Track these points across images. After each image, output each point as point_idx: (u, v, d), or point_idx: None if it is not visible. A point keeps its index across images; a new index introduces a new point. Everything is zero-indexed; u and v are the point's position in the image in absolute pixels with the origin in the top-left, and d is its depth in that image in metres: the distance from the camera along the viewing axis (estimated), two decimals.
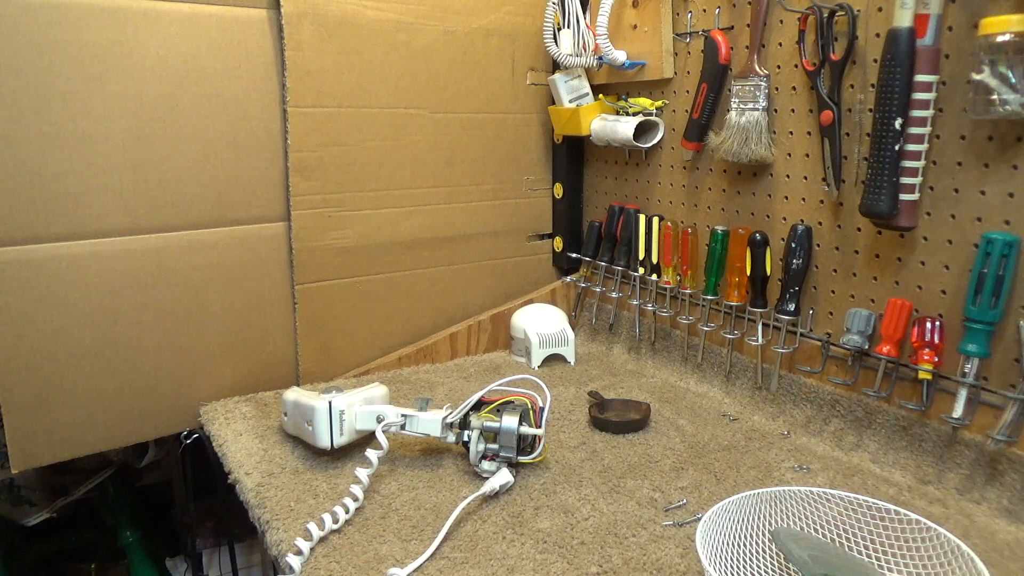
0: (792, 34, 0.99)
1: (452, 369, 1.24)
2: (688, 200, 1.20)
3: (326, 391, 0.93)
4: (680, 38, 1.17)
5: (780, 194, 1.05)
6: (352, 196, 1.19)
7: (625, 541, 0.75)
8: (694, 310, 1.18)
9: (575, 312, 1.42)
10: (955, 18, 0.82)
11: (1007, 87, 0.74)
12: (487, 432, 0.87)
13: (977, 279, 0.81)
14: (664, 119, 1.22)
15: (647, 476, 0.88)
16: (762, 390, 1.07)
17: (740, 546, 0.69)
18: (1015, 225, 0.80)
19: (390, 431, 0.87)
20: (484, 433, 0.87)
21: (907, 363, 0.89)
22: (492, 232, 1.37)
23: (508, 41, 1.31)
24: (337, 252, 1.19)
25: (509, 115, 1.35)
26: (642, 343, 1.28)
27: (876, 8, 0.89)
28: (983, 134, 0.81)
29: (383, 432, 0.86)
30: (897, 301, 0.90)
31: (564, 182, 1.41)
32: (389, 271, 1.25)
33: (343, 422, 0.90)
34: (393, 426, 0.88)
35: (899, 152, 0.85)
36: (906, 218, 0.87)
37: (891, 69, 0.83)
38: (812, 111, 0.98)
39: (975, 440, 0.83)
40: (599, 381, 1.19)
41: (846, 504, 0.73)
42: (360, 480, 0.81)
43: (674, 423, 1.03)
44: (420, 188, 1.25)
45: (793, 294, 1.01)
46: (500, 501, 0.83)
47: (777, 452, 0.94)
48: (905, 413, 0.90)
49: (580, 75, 1.31)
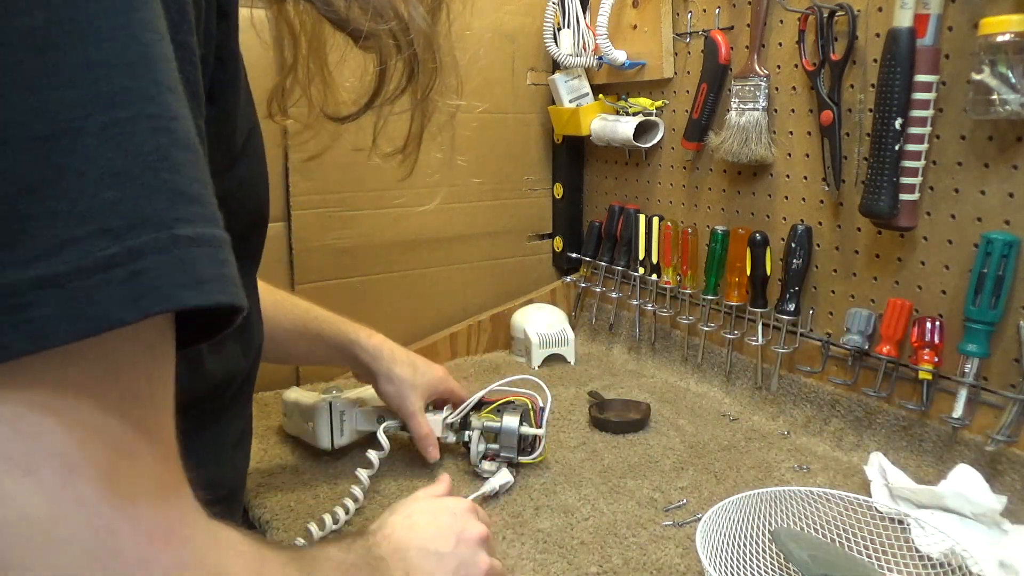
0: (792, 34, 0.99)
1: (452, 369, 1.23)
2: (688, 200, 1.20)
3: (326, 391, 0.93)
4: (680, 38, 1.17)
5: (780, 194, 1.05)
6: (352, 196, 1.19)
7: (625, 541, 0.75)
8: (694, 310, 1.18)
9: (575, 312, 1.42)
10: (955, 18, 0.82)
11: (1007, 87, 0.74)
12: (487, 432, 0.87)
13: (977, 279, 0.81)
14: (664, 119, 1.22)
15: (647, 476, 0.88)
16: (762, 390, 1.07)
17: (740, 546, 0.69)
18: (1015, 225, 0.80)
19: (391, 431, 0.88)
20: (484, 433, 0.87)
21: (907, 363, 0.89)
22: (492, 232, 1.37)
23: (508, 41, 1.31)
24: (337, 252, 1.19)
25: (509, 115, 1.35)
26: (642, 343, 1.28)
27: (876, 8, 0.89)
28: (983, 134, 0.81)
29: (384, 433, 0.86)
30: (897, 301, 0.90)
31: (564, 182, 1.41)
32: (389, 271, 1.25)
33: (343, 422, 0.90)
34: (393, 427, 0.88)
35: (899, 152, 0.85)
36: (906, 218, 0.87)
37: (891, 69, 0.83)
38: (812, 111, 0.98)
39: (975, 440, 0.83)
40: (599, 381, 1.19)
41: (846, 504, 0.73)
42: (361, 480, 0.81)
43: (674, 423, 1.03)
44: (420, 188, 1.25)
45: (793, 294, 1.01)
46: (500, 501, 0.83)
47: (777, 452, 0.94)
48: (905, 413, 0.90)
49: (580, 75, 1.31)
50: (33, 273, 0.27)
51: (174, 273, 0.29)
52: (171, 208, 0.30)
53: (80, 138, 0.28)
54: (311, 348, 0.87)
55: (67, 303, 0.27)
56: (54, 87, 0.28)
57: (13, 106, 0.27)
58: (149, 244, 0.29)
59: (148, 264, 0.29)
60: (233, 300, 0.32)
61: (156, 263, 0.29)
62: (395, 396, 0.87)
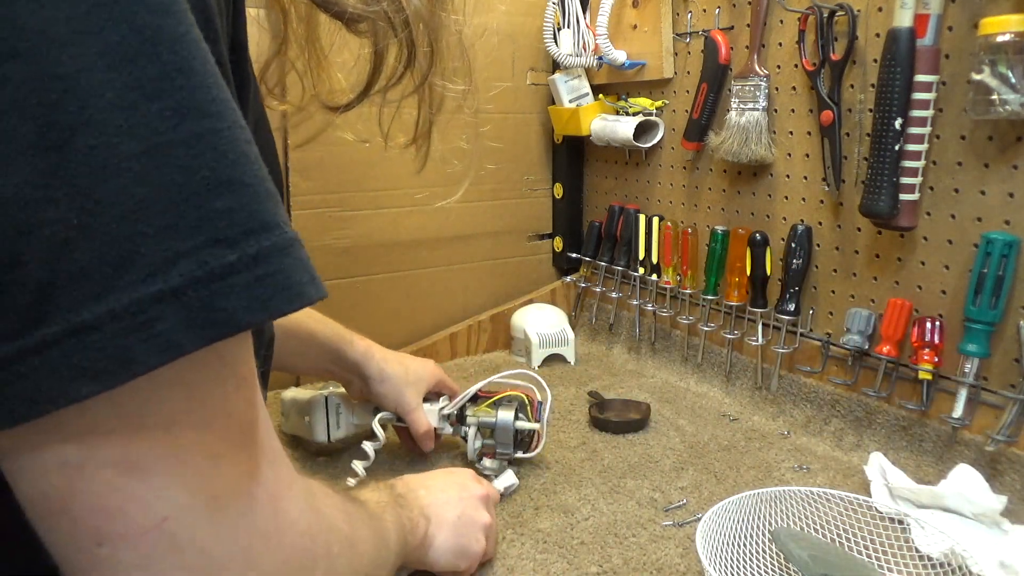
0: (792, 34, 0.99)
1: (452, 369, 1.24)
2: (688, 200, 1.20)
3: (323, 387, 0.92)
4: (680, 38, 1.17)
5: (780, 194, 1.05)
6: (352, 196, 1.19)
7: (625, 541, 0.75)
8: (694, 310, 1.18)
9: (575, 312, 1.42)
10: (955, 18, 0.82)
11: (1007, 87, 0.74)
12: (484, 428, 0.87)
13: (977, 279, 0.81)
14: (664, 119, 1.22)
15: (647, 476, 0.88)
16: (762, 390, 1.07)
17: (740, 546, 0.69)
18: (1015, 225, 0.80)
19: (386, 422, 0.87)
20: (481, 429, 0.87)
21: (907, 363, 0.89)
22: (492, 232, 1.37)
23: (508, 41, 1.31)
24: (337, 252, 1.19)
25: (509, 115, 1.35)
26: (642, 343, 1.28)
27: (876, 8, 0.89)
28: (983, 134, 0.81)
29: (379, 424, 0.85)
30: (897, 301, 0.90)
31: (564, 182, 1.41)
32: (389, 271, 1.25)
33: (339, 415, 0.89)
34: (389, 418, 0.88)
35: (899, 152, 0.85)
36: (906, 218, 0.87)
37: (891, 69, 0.83)
38: (812, 111, 0.98)
39: (975, 440, 0.83)
40: (599, 381, 1.19)
41: (846, 504, 0.73)
42: (357, 472, 0.80)
43: (674, 423, 1.03)
44: (420, 188, 1.25)
45: (793, 294, 1.01)
46: (500, 501, 0.83)
47: (777, 452, 0.94)
48: (905, 413, 0.90)
49: (580, 75, 1.31)
50: (153, 289, 0.28)
51: (296, 272, 0.32)
52: (277, 211, 0.32)
53: (173, 149, 0.29)
54: (303, 349, 0.86)
55: (190, 314, 0.29)
56: (138, 101, 0.28)
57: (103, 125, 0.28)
58: (271, 249, 0.31)
59: (273, 267, 0.31)
60: (325, 292, 0.35)
61: (280, 265, 0.31)
62: (391, 395, 0.86)
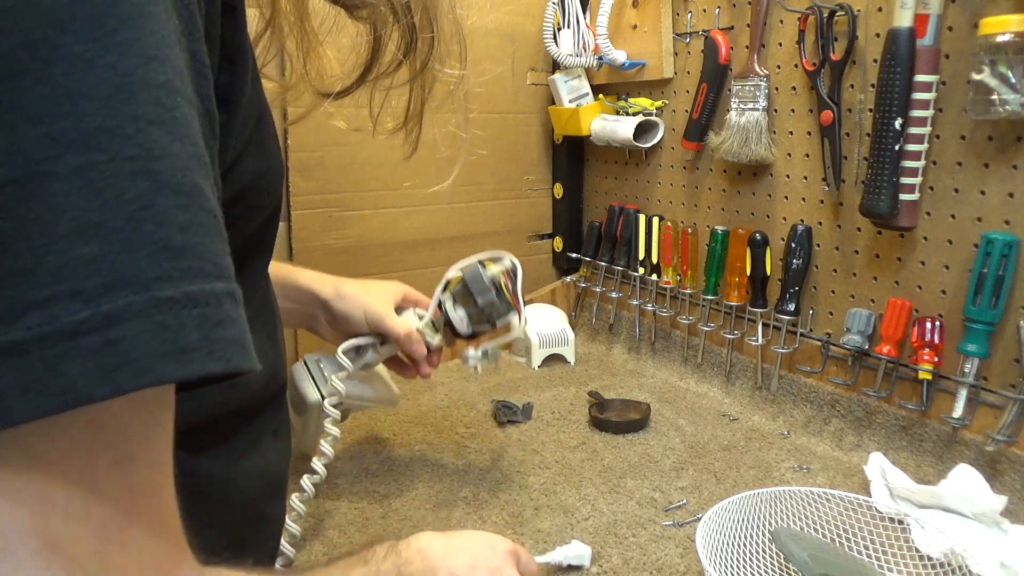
0: (792, 34, 0.99)
1: (452, 369, 1.24)
2: (688, 200, 1.20)
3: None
4: (680, 38, 1.17)
5: (780, 194, 1.05)
6: (352, 196, 1.19)
7: (625, 541, 0.75)
8: (694, 310, 1.18)
9: (575, 312, 1.42)
10: (955, 18, 0.82)
11: (1007, 87, 0.74)
12: (461, 297, 0.79)
13: (977, 279, 0.81)
14: (664, 119, 1.22)
15: (647, 476, 0.88)
16: (762, 390, 1.07)
17: (740, 546, 0.69)
18: (1015, 225, 0.80)
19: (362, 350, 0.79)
20: (457, 297, 0.79)
21: (907, 363, 0.89)
22: (492, 232, 1.37)
23: (508, 41, 1.31)
24: (337, 252, 1.19)
25: (509, 115, 1.35)
26: (642, 343, 1.28)
27: (876, 8, 0.89)
28: (983, 134, 0.81)
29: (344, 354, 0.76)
30: (897, 301, 0.90)
31: (564, 182, 1.41)
32: (389, 271, 1.25)
33: (321, 369, 0.83)
34: (364, 344, 0.79)
35: (899, 152, 0.85)
36: (906, 218, 0.87)
37: (891, 69, 0.83)
38: (812, 111, 0.98)
39: (975, 440, 0.83)
40: (599, 381, 1.19)
41: (846, 504, 0.73)
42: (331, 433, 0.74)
43: (674, 423, 1.03)
44: (420, 188, 1.25)
45: (793, 294, 1.01)
46: (500, 501, 0.83)
47: (777, 452, 0.94)
48: (905, 413, 0.90)
49: (580, 75, 1.31)
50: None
51: (153, 342, 0.26)
52: (152, 266, 0.26)
53: (47, 183, 0.25)
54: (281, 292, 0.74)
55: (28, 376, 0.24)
56: (17, 123, 0.24)
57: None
58: (125, 308, 0.26)
59: (125, 332, 0.26)
60: (226, 366, 0.28)
61: (133, 330, 0.26)
62: (355, 311, 0.77)
